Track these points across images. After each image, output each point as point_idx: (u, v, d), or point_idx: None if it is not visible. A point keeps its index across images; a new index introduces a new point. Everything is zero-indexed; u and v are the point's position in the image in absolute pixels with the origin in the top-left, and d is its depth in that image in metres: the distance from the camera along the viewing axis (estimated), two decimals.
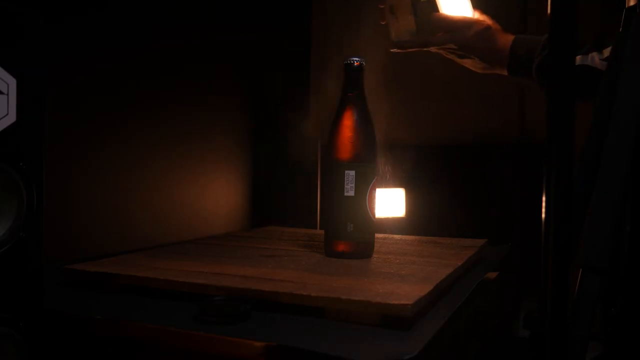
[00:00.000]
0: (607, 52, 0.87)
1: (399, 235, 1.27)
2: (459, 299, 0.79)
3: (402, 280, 0.77)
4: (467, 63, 1.05)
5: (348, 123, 0.94)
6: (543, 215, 0.49)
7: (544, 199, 0.49)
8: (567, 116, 0.49)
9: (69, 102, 1.00)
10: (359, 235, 0.94)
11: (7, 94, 0.58)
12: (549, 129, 0.49)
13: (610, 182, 0.66)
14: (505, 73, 1.02)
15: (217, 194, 1.42)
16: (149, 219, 1.19)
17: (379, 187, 0.97)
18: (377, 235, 0.98)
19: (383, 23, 1.04)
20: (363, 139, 0.94)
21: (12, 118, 0.59)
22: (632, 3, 0.71)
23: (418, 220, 1.46)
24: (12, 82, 0.59)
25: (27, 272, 0.61)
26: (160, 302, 0.75)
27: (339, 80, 0.97)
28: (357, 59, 0.95)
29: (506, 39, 1.00)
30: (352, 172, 0.93)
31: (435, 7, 1.02)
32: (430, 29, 1.02)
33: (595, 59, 0.88)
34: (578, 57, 0.91)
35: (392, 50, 1.05)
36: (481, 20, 1.01)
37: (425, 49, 1.04)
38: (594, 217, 0.66)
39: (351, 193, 0.93)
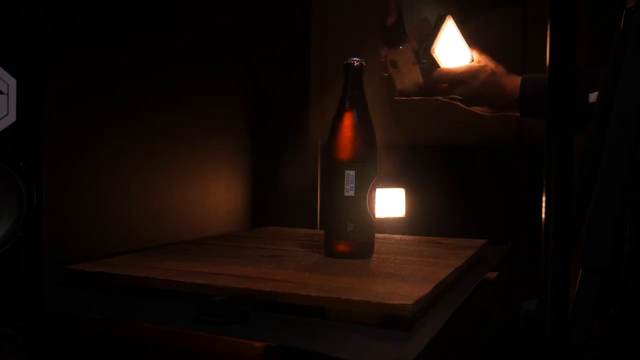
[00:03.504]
0: None
1: (399, 235, 1.27)
2: (459, 299, 0.79)
3: (402, 280, 0.77)
4: (476, 109, 1.04)
5: (348, 123, 0.94)
6: (543, 216, 0.49)
7: (544, 199, 0.49)
8: (567, 116, 0.49)
9: (69, 102, 1.00)
10: (359, 235, 0.94)
11: (7, 94, 0.58)
12: (549, 129, 0.49)
13: (610, 182, 0.66)
14: (517, 114, 1.01)
15: (217, 194, 1.42)
16: (149, 219, 1.19)
17: (379, 187, 0.97)
18: (377, 235, 0.98)
19: (385, 75, 1.01)
20: (363, 139, 0.94)
21: (12, 118, 0.59)
22: (632, 3, 0.71)
23: (418, 220, 1.46)
24: (12, 82, 0.59)
25: (27, 272, 0.61)
26: (160, 302, 0.75)
27: (339, 80, 0.97)
28: (357, 59, 0.95)
29: (513, 82, 0.99)
30: (352, 172, 0.93)
31: (435, 64, 1.00)
32: (434, 83, 1.00)
33: None
34: (596, 94, 0.89)
35: (396, 97, 1.03)
36: (484, 66, 0.99)
37: (430, 99, 1.03)
38: (594, 217, 0.66)
39: (351, 193, 0.93)
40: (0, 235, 0.59)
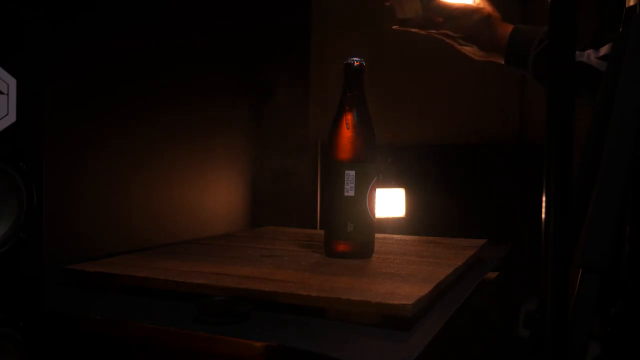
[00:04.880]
0: (604, 50, 0.87)
1: (399, 235, 1.27)
2: (459, 299, 0.79)
3: (402, 280, 0.77)
4: (466, 50, 1.06)
5: (348, 123, 0.94)
6: (543, 215, 0.49)
7: (544, 199, 0.49)
8: (567, 116, 0.49)
9: (69, 102, 1.00)
10: (359, 235, 0.94)
11: (7, 94, 0.58)
12: (549, 129, 0.49)
13: (610, 182, 0.66)
14: (502, 62, 1.03)
15: (217, 194, 1.42)
16: (149, 219, 1.19)
17: (379, 187, 0.97)
18: (377, 235, 0.98)
19: (387, 4, 1.03)
20: (363, 139, 0.94)
21: (12, 118, 0.59)
22: (632, 3, 0.71)
23: (418, 220, 1.46)
24: (12, 82, 0.59)
25: (26, 272, 0.61)
26: (160, 302, 0.75)
27: (339, 80, 0.97)
28: (357, 59, 0.95)
29: (505, 29, 1.01)
30: (352, 172, 0.93)
31: None
32: (431, 15, 1.02)
33: (591, 56, 0.89)
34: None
35: (393, 27, 1.05)
36: (481, 8, 1.02)
37: (425, 33, 1.05)
38: (594, 217, 0.66)
39: (351, 193, 0.93)
40: (0, 235, 0.59)
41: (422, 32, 1.05)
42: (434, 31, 1.04)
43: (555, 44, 0.49)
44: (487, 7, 1.02)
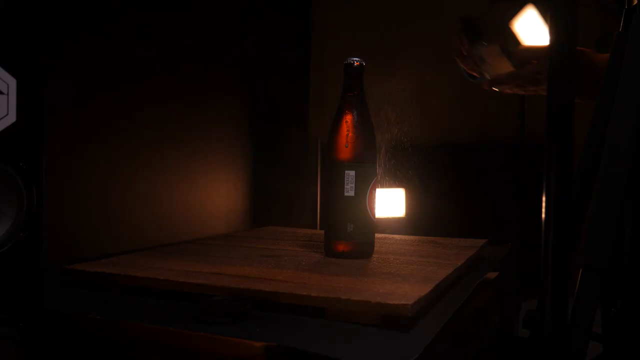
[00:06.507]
0: None
1: (399, 235, 1.27)
2: (459, 299, 0.79)
3: (402, 280, 0.77)
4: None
5: (348, 123, 0.94)
6: (543, 215, 0.49)
7: (544, 199, 0.49)
8: (567, 116, 0.49)
9: (69, 101, 1.00)
10: (359, 235, 0.94)
11: (7, 94, 0.58)
12: (549, 129, 0.49)
13: (610, 182, 0.66)
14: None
15: (217, 194, 1.42)
16: (149, 219, 1.19)
17: (379, 187, 0.97)
18: (377, 235, 0.98)
19: (474, 76, 1.00)
20: (363, 139, 0.94)
21: (12, 118, 0.59)
22: (632, 3, 0.71)
23: (418, 220, 1.46)
24: (12, 82, 0.59)
25: (27, 272, 0.61)
26: (160, 302, 0.75)
27: (339, 80, 0.97)
28: (357, 59, 0.95)
29: (603, 59, 0.92)
30: (352, 172, 0.93)
31: (516, 41, 0.98)
32: (519, 62, 0.97)
33: None
34: None
35: (485, 87, 1.01)
36: None
37: (521, 89, 0.99)
38: (594, 217, 0.66)
39: (351, 193, 0.93)
40: (0, 235, 0.59)
41: (519, 90, 0.99)
42: (531, 89, 0.97)
43: (555, 44, 0.49)
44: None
